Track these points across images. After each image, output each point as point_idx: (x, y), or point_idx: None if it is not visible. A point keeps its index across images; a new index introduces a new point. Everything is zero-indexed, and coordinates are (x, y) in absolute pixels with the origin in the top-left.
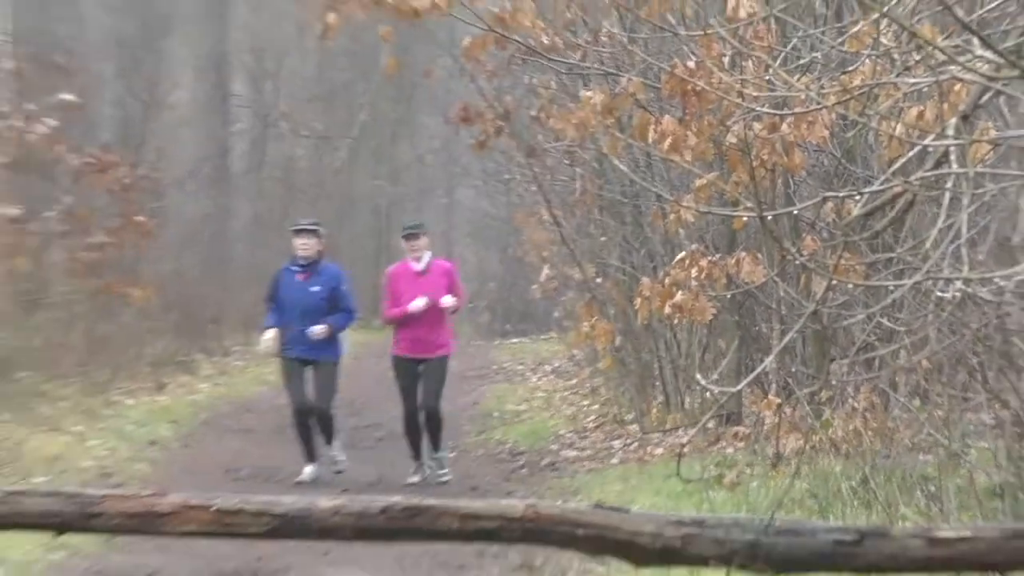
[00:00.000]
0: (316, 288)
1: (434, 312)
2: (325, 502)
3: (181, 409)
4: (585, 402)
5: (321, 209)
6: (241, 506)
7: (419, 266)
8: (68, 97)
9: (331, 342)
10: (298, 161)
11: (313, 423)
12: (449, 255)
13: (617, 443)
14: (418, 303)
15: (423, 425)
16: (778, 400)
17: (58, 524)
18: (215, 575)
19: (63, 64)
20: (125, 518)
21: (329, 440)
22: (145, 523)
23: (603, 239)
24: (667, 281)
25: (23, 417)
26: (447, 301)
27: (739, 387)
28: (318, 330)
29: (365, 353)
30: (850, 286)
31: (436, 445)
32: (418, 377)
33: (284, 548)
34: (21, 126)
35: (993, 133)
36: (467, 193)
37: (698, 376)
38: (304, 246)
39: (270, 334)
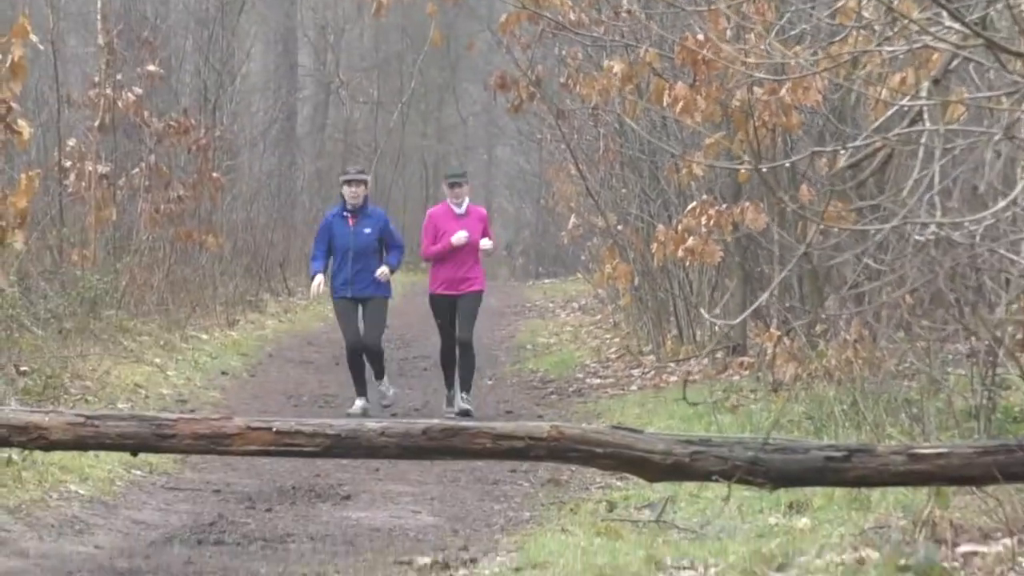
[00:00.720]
0: (367, 229)
1: (469, 252)
2: (373, 424)
3: (249, 343)
4: (608, 335)
5: (376, 165)
6: (297, 428)
7: (459, 210)
8: (153, 68)
9: (381, 280)
10: (355, 123)
11: (364, 360)
12: (488, 206)
13: (636, 372)
14: (460, 236)
15: (458, 358)
16: (778, 333)
17: (135, 445)
18: (276, 490)
19: (148, 39)
20: (195, 439)
21: (379, 375)
22: (213, 443)
23: (623, 191)
24: (680, 228)
25: (110, 350)
26: (485, 243)
27: (740, 318)
28: (383, 272)
29: (413, 292)
30: (837, 230)
31: (466, 384)
32: (454, 313)
33: (339, 466)
34: (111, 94)
35: (964, 95)
36: (504, 151)
37: (702, 310)
38: (354, 194)
39: (319, 279)
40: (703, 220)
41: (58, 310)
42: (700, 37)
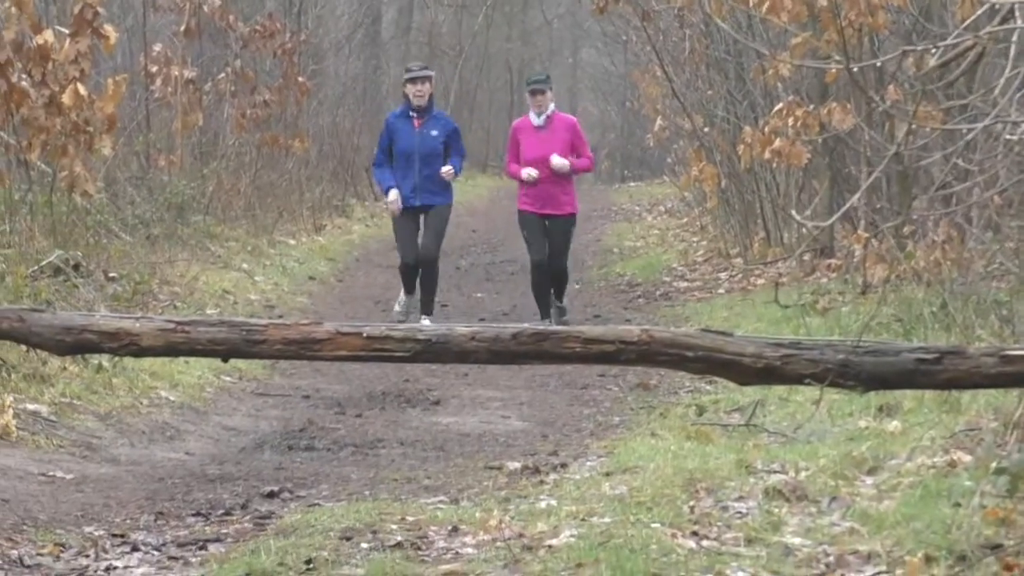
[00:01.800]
0: (435, 132)
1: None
2: (463, 329)
3: (336, 248)
4: (695, 238)
5: (461, 69)
6: (387, 332)
7: (538, 120)
8: None
9: (445, 185)
10: (440, 26)
11: (418, 280)
12: (573, 109)
13: (723, 275)
14: (528, 173)
15: (550, 280)
16: (866, 234)
17: (226, 351)
18: (366, 396)
19: None
20: (285, 344)
21: (427, 308)
22: (303, 349)
23: (709, 93)
24: (767, 129)
25: (198, 256)
26: (556, 161)
27: (830, 221)
28: (447, 170)
29: (501, 196)
30: (928, 130)
31: (559, 295)
32: (544, 232)
33: (427, 371)
34: None
35: None
36: (589, 53)
37: (793, 213)
38: (419, 93)
39: (395, 195)
40: (790, 121)
41: (145, 216)
42: None
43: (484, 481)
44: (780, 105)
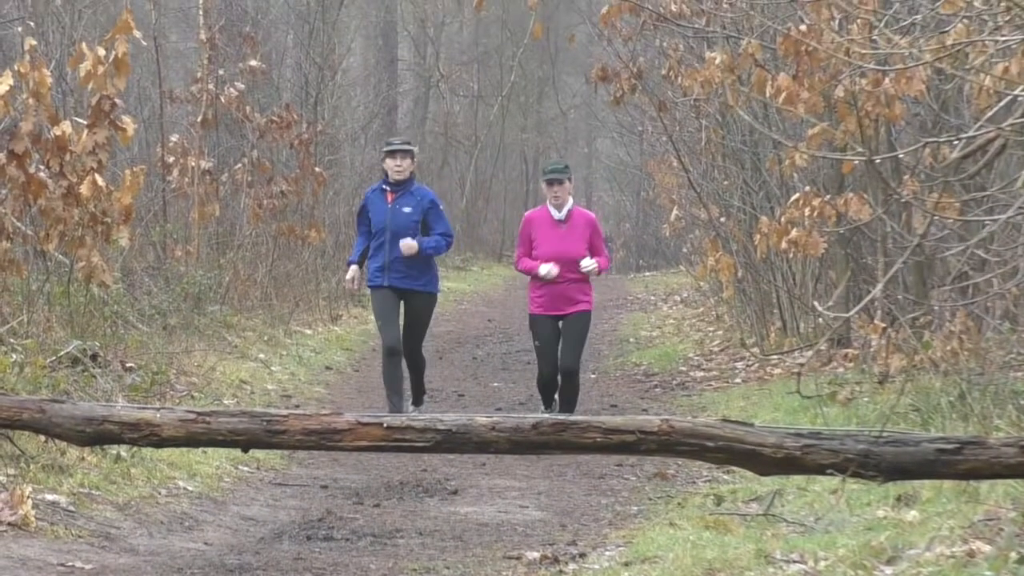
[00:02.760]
0: (407, 208)
1: (572, 267)
2: (483, 419)
3: (353, 338)
4: (711, 328)
5: (476, 159)
6: (408, 423)
7: (559, 215)
8: (254, 64)
9: (426, 271)
10: (456, 116)
11: (403, 367)
12: (588, 199)
13: (740, 364)
14: (549, 270)
15: (560, 387)
16: (883, 324)
17: (246, 441)
18: (384, 485)
19: (250, 35)
20: (305, 435)
21: (417, 400)
22: (323, 439)
23: (725, 183)
24: (783, 219)
25: (214, 346)
26: (586, 264)
27: (852, 312)
28: (407, 243)
29: (516, 285)
30: (949, 221)
31: (568, 408)
32: (557, 336)
33: (445, 460)
34: (213, 90)
35: None
36: (604, 143)
37: (816, 304)
38: (398, 168)
39: (352, 271)
40: (806, 211)
41: (162, 306)
42: (803, 28)
43: (503, 571)
44: (796, 195)
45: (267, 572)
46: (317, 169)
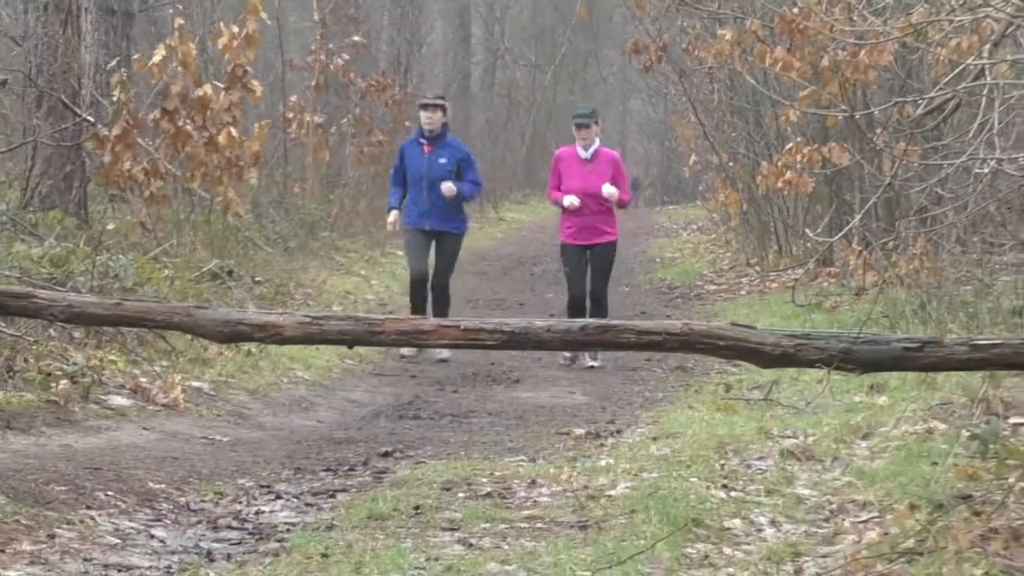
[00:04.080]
0: (442, 160)
1: (597, 200)
2: (540, 322)
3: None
4: (721, 250)
5: (534, 116)
6: (480, 325)
7: (586, 153)
8: (357, 39)
9: (457, 213)
10: (517, 82)
11: (428, 296)
12: (623, 148)
13: (744, 280)
14: (571, 200)
15: (588, 311)
16: (860, 248)
17: (351, 340)
18: (460, 376)
19: (354, 16)
20: (399, 335)
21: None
22: (413, 338)
23: (733, 134)
24: (779, 163)
25: (325, 264)
26: (607, 190)
27: (835, 238)
28: (447, 186)
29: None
30: (913, 165)
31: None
32: (584, 263)
33: (509, 356)
34: (324, 60)
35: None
36: (636, 103)
37: (807, 231)
38: (429, 119)
39: (393, 215)
40: (798, 157)
41: (284, 232)
42: (796, 10)
43: (556, 444)
44: (790, 144)
45: (367, 444)
46: (407, 124)
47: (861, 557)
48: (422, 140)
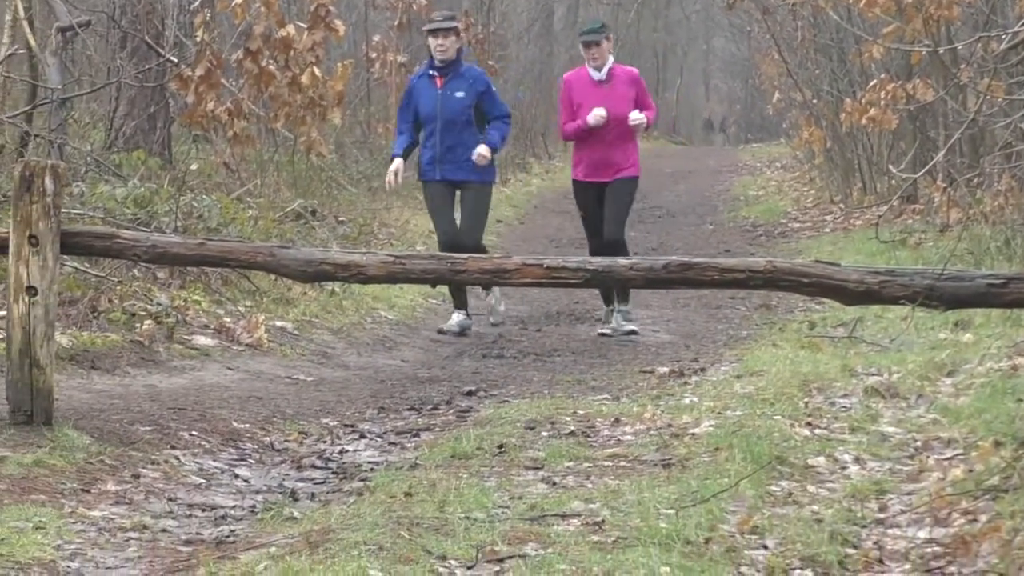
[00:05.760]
0: (460, 94)
1: (617, 128)
2: (623, 261)
3: (519, 198)
4: (805, 188)
5: (617, 55)
6: (563, 263)
7: (599, 75)
8: None
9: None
10: (601, 19)
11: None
12: (707, 86)
13: (828, 217)
14: (598, 114)
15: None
16: (944, 185)
17: (435, 279)
18: (543, 315)
19: None
20: (481, 273)
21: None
22: (496, 276)
23: (817, 72)
24: (863, 100)
25: (408, 204)
26: (634, 116)
27: (919, 174)
28: (481, 153)
29: (651, 155)
30: (998, 100)
31: (622, 297)
32: (602, 204)
33: (591, 295)
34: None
35: None
36: (719, 41)
37: (891, 167)
38: (440, 47)
39: (395, 164)
40: (882, 94)
41: (367, 172)
42: None
43: (639, 382)
44: (874, 81)
45: (451, 383)
46: (490, 63)
47: (946, 494)
48: (432, 72)
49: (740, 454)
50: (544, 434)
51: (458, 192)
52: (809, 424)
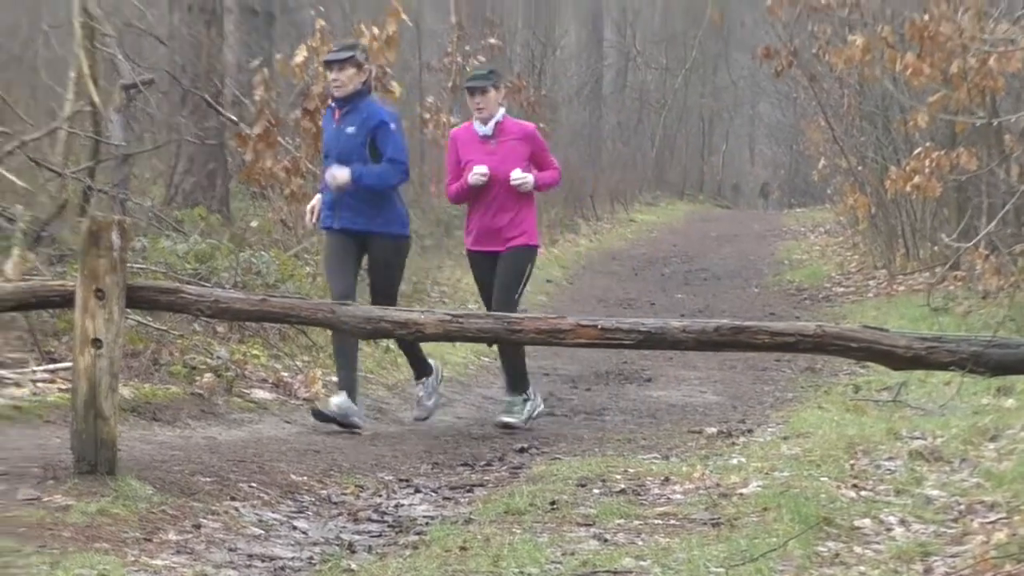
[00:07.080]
0: (351, 129)
1: (504, 189)
2: (676, 322)
3: (567, 258)
4: (849, 253)
5: (664, 119)
6: (617, 325)
7: (484, 128)
8: (493, 41)
9: (384, 208)
10: (648, 85)
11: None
12: (751, 152)
13: (872, 283)
14: (477, 172)
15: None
16: (987, 252)
17: (490, 338)
18: (593, 374)
19: (489, 18)
20: (537, 333)
21: (420, 372)
22: (551, 337)
23: (862, 139)
24: (908, 168)
25: (460, 263)
26: (515, 176)
27: (972, 243)
28: (333, 173)
29: (696, 218)
30: None
31: (512, 386)
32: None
33: (640, 355)
34: (461, 61)
35: None
36: (765, 107)
37: (943, 236)
38: (335, 81)
39: (313, 201)
40: (927, 162)
41: (420, 231)
42: (926, 17)
43: (688, 442)
44: (919, 149)
45: (504, 440)
46: (541, 125)
47: (990, 557)
48: (332, 106)
49: (788, 514)
50: (595, 491)
51: (361, 245)
52: (855, 486)
